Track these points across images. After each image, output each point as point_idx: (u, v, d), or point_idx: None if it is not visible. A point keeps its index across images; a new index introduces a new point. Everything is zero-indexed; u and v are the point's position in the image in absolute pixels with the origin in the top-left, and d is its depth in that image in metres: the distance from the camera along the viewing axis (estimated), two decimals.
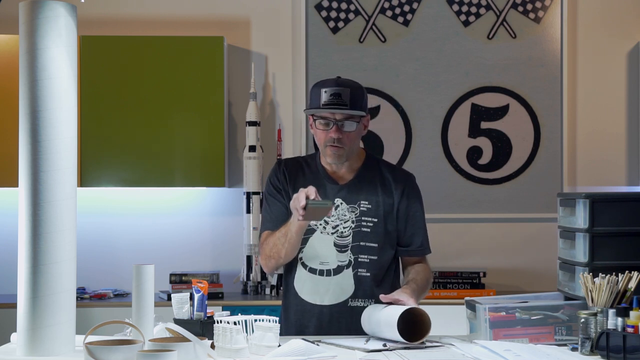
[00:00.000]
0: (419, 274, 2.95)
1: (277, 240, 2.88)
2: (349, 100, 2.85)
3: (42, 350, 2.42)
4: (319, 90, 2.88)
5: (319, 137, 2.92)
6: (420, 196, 3.04)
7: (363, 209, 2.93)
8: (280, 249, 2.88)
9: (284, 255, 2.89)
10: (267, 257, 2.94)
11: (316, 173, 2.98)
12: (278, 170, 3.00)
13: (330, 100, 2.85)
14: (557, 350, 2.49)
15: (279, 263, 2.94)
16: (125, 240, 4.74)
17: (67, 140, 2.48)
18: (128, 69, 4.56)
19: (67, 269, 2.46)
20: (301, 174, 2.98)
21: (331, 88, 2.86)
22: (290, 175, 2.98)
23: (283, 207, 2.95)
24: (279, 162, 3.06)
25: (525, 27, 4.75)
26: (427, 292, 2.97)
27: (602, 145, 4.76)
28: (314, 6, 4.75)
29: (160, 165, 4.55)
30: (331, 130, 2.87)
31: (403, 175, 3.03)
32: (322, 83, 2.91)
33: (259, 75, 4.77)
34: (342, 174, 2.98)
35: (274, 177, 3.00)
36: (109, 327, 2.42)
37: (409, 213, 2.98)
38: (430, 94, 4.75)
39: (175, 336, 2.37)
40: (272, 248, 2.91)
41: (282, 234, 2.87)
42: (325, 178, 2.97)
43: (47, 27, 2.46)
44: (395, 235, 2.97)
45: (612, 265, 2.65)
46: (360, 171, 2.98)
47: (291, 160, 3.07)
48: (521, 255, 4.76)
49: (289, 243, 2.85)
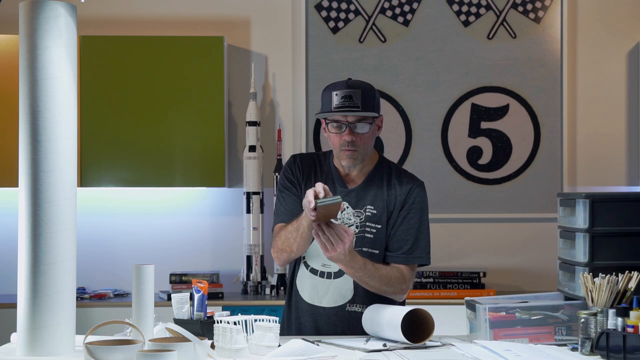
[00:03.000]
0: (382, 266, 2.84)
1: (289, 234, 2.84)
2: (361, 101, 2.83)
3: (42, 350, 2.42)
4: (329, 94, 2.85)
5: (332, 141, 2.89)
6: (425, 205, 2.93)
7: (368, 214, 2.91)
8: (292, 243, 2.84)
9: (296, 249, 2.86)
10: (279, 250, 2.90)
11: (328, 173, 2.97)
12: (293, 164, 2.98)
13: (342, 102, 2.82)
14: (557, 350, 2.49)
15: (290, 257, 2.90)
16: (125, 240, 4.73)
17: (67, 140, 2.48)
18: (128, 69, 4.56)
19: (67, 269, 2.46)
20: (314, 172, 2.97)
21: (342, 90, 2.83)
22: (304, 171, 2.96)
23: (297, 199, 2.93)
24: (294, 156, 3.03)
25: (525, 27, 4.75)
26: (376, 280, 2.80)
27: (602, 145, 4.76)
28: (314, 6, 4.75)
29: (160, 165, 4.55)
30: (344, 134, 2.84)
31: (411, 181, 2.95)
32: (332, 86, 2.88)
33: (259, 75, 4.77)
34: (353, 177, 2.95)
35: (288, 171, 2.98)
36: (109, 327, 2.42)
37: (405, 218, 2.90)
38: (430, 94, 4.75)
39: (175, 336, 2.37)
40: (284, 241, 2.87)
41: (294, 228, 2.82)
42: (336, 179, 2.95)
43: (47, 27, 2.46)
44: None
45: (612, 265, 2.65)
46: (370, 175, 2.95)
47: (306, 156, 3.04)
48: (521, 255, 4.76)
49: (301, 237, 2.81)
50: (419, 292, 4.44)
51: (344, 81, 2.90)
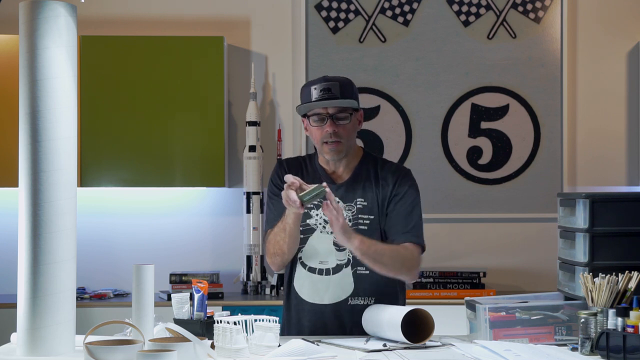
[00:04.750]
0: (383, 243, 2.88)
1: (277, 236, 2.88)
2: (339, 92, 2.87)
3: (42, 350, 2.42)
4: (308, 89, 2.90)
5: (314, 136, 2.92)
6: (415, 187, 2.97)
7: (359, 206, 2.93)
8: (282, 244, 2.87)
9: (287, 249, 2.88)
10: (272, 255, 2.94)
11: (314, 173, 2.99)
12: (280, 170, 3.01)
13: (321, 95, 2.87)
14: (557, 350, 2.49)
15: (284, 259, 2.93)
16: (125, 240, 4.73)
17: (67, 140, 2.48)
18: (128, 69, 4.56)
19: (67, 269, 2.46)
20: (301, 174, 2.97)
21: (320, 84, 2.88)
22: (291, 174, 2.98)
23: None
24: (280, 162, 3.07)
25: (525, 27, 4.75)
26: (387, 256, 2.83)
27: (602, 145, 4.76)
28: (314, 6, 4.75)
29: (160, 165, 4.55)
30: (326, 125, 2.88)
31: (398, 169, 3.01)
32: (310, 82, 2.94)
33: (259, 75, 4.77)
34: (340, 173, 2.98)
35: (276, 177, 3.00)
36: (109, 327, 2.42)
37: (399, 202, 2.92)
38: (430, 94, 4.75)
39: (175, 336, 2.37)
40: (274, 245, 2.91)
41: (280, 229, 2.87)
42: (324, 178, 2.97)
43: (47, 27, 2.46)
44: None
45: (612, 265, 2.65)
46: (357, 169, 2.98)
47: (292, 160, 3.08)
48: (521, 255, 4.76)
49: (288, 236, 2.84)
50: (419, 292, 4.44)
51: (320, 77, 2.95)
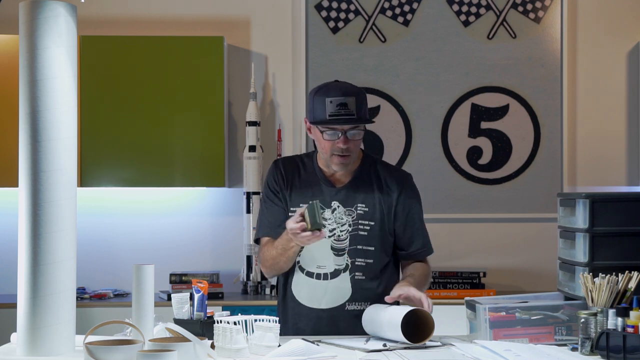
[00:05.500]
0: (416, 270, 2.94)
1: (278, 258, 2.89)
2: (355, 109, 2.81)
3: (42, 350, 2.42)
4: (322, 100, 2.82)
5: (323, 146, 2.87)
6: (419, 196, 3.01)
7: (360, 212, 2.91)
8: (283, 266, 2.93)
9: (286, 267, 2.94)
10: (268, 267, 2.97)
11: (312, 175, 2.96)
12: (275, 172, 2.97)
13: (337, 111, 2.80)
14: (557, 350, 2.49)
15: (280, 272, 2.99)
16: (125, 240, 4.73)
17: (67, 140, 2.48)
18: (128, 69, 4.56)
19: (67, 269, 2.46)
20: (297, 176, 2.96)
21: (336, 98, 2.80)
22: (287, 177, 2.96)
23: (281, 210, 2.95)
24: (276, 162, 3.02)
25: (525, 27, 4.75)
26: (426, 286, 2.95)
27: (602, 145, 4.76)
28: (314, 6, 4.75)
29: (160, 165, 4.55)
30: (339, 141, 2.83)
31: (400, 175, 3.00)
32: (325, 91, 2.84)
33: (259, 75, 4.77)
34: (339, 176, 2.95)
35: (271, 179, 2.98)
36: (109, 327, 2.42)
37: (408, 214, 2.95)
38: (430, 94, 4.75)
39: (175, 336, 2.37)
40: (272, 264, 2.93)
41: (279, 253, 2.88)
42: (322, 180, 2.95)
43: (47, 27, 2.46)
44: (393, 239, 2.96)
45: (612, 265, 2.65)
46: (356, 173, 2.95)
47: (288, 160, 3.03)
48: (521, 255, 4.76)
49: (288, 259, 2.89)
50: None
51: (335, 85, 2.86)
